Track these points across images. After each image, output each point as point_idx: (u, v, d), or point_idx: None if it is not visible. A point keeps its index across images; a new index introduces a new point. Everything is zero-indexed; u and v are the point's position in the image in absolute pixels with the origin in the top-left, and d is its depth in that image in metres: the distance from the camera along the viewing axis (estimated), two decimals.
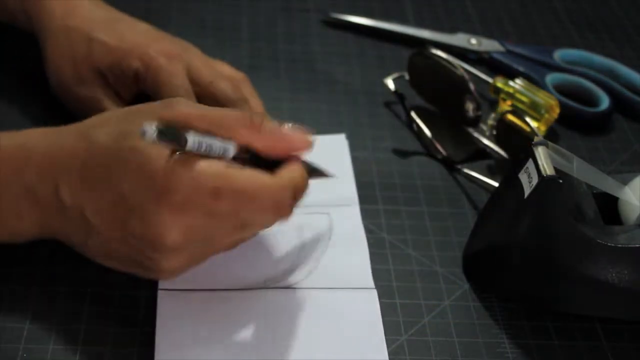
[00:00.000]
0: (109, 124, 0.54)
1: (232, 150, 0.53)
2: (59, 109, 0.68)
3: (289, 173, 0.54)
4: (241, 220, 0.53)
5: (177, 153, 0.51)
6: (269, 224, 0.56)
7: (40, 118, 0.69)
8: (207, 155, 0.51)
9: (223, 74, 0.67)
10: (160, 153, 0.51)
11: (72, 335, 0.55)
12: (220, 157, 0.52)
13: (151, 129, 0.48)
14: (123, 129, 0.53)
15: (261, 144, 0.54)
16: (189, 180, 0.51)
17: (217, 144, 0.52)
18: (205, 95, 0.65)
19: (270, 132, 0.54)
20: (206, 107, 0.54)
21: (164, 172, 0.50)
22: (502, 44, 0.85)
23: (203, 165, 0.51)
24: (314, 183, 0.63)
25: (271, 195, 0.53)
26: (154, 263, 0.53)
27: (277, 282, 0.59)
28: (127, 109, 0.56)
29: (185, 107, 0.53)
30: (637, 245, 0.57)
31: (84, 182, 0.53)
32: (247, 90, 0.67)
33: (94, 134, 0.54)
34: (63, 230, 0.55)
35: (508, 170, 0.63)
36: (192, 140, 0.50)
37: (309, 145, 0.55)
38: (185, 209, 0.51)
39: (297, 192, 0.54)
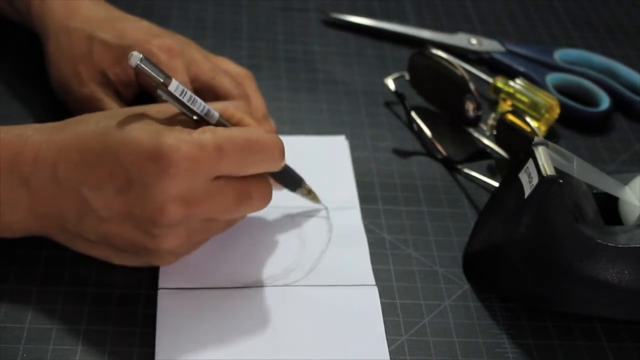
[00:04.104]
0: (112, 112, 0.56)
1: (215, 112, 0.56)
2: (60, 108, 0.68)
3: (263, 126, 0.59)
4: (243, 180, 0.54)
5: (160, 90, 0.53)
6: (267, 193, 0.57)
7: (42, 117, 0.69)
8: (190, 108, 0.54)
9: (226, 70, 0.67)
10: (159, 130, 0.52)
11: (72, 335, 0.55)
12: (204, 115, 0.55)
13: (138, 55, 0.52)
14: (126, 116, 0.54)
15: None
16: (191, 144, 0.52)
17: (200, 101, 0.55)
18: (206, 91, 0.65)
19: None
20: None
21: (166, 143, 0.51)
22: (502, 44, 0.85)
23: (199, 132, 0.53)
24: (313, 184, 0.63)
25: (268, 139, 0.55)
26: (153, 241, 0.53)
27: (277, 280, 0.59)
28: (127, 107, 0.59)
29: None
30: (637, 245, 0.57)
31: (83, 159, 0.53)
32: (250, 88, 0.67)
33: (97, 119, 0.55)
34: (58, 216, 0.55)
35: (508, 170, 0.63)
36: (175, 83, 0.53)
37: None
38: (188, 176, 0.52)
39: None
